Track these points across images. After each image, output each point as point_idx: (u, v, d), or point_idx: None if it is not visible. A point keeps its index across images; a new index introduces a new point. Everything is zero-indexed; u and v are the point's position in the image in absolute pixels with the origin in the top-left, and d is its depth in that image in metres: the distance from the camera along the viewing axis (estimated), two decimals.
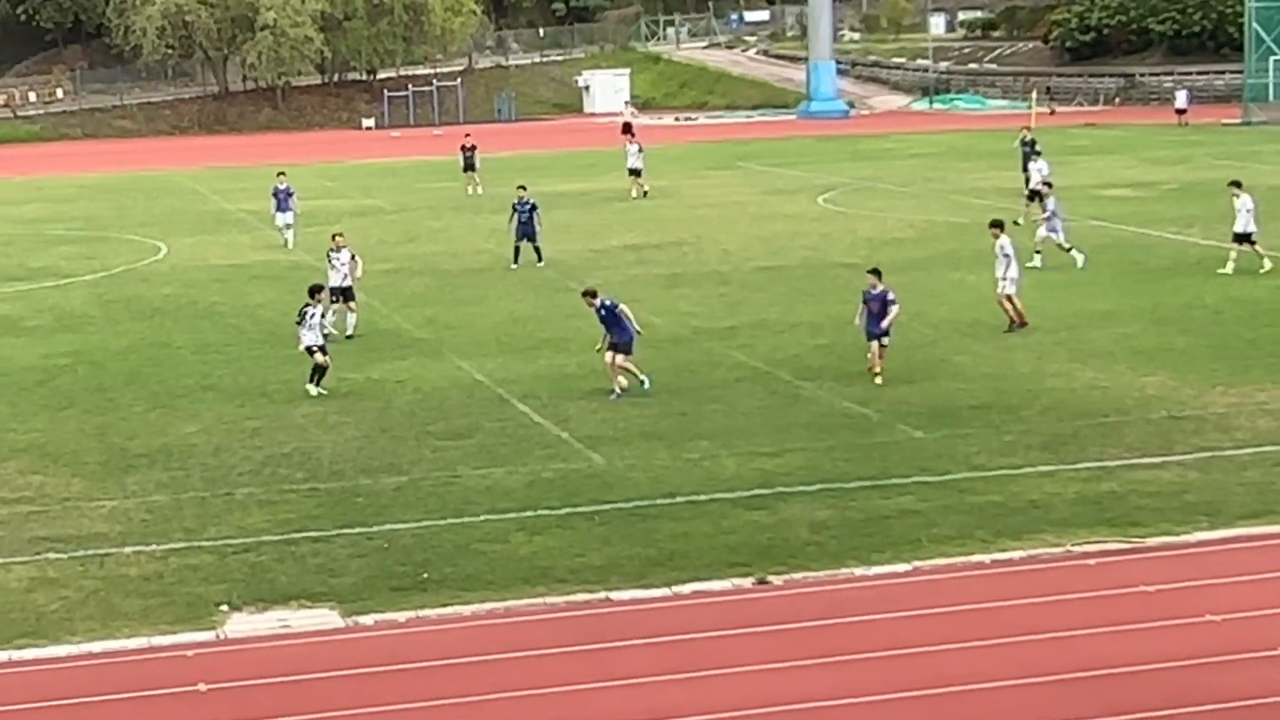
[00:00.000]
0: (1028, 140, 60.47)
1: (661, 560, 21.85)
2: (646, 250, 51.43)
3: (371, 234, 58.66)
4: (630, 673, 18.14)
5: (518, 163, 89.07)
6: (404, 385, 32.98)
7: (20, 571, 22.17)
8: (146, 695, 17.98)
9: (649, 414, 29.89)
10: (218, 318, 41.86)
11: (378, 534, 23.30)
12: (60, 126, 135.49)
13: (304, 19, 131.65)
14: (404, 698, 17.64)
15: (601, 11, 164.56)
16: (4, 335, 40.29)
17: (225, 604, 20.68)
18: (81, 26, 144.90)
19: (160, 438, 29.32)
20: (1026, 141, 60.41)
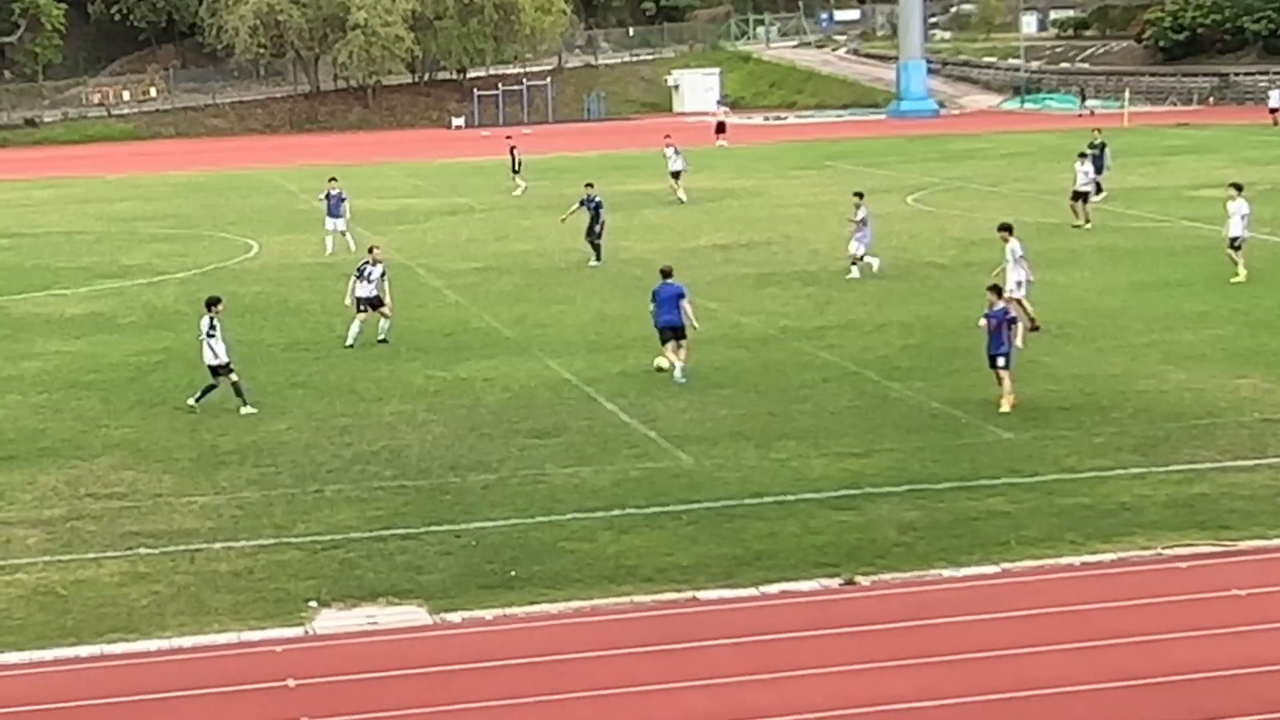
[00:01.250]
0: (1097, 143, 60.34)
1: (748, 560, 21.81)
2: (735, 250, 51.37)
3: (461, 232, 58.90)
4: (716, 672, 18.12)
5: (607, 162, 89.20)
6: (492, 383, 33.06)
7: (112, 566, 22.35)
8: (236, 690, 18.09)
9: (737, 414, 29.86)
10: (307, 315, 42.07)
11: (466, 532, 23.37)
12: (153, 125, 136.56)
13: (395, 18, 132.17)
14: (490, 695, 17.68)
15: (691, 11, 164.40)
16: (97, 332, 40.64)
17: (314, 600, 20.78)
18: (175, 26, 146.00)
19: (250, 435, 29.50)
20: (1095, 144, 60.26)
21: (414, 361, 35.40)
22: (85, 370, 35.82)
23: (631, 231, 57.00)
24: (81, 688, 18.32)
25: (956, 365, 33.12)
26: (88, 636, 19.78)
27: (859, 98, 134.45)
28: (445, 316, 40.91)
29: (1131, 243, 49.53)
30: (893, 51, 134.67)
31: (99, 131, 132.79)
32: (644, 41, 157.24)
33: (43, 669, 18.91)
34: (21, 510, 25.14)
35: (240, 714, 17.48)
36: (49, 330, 41.16)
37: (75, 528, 24.16)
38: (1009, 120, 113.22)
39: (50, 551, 23.08)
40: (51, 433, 30.20)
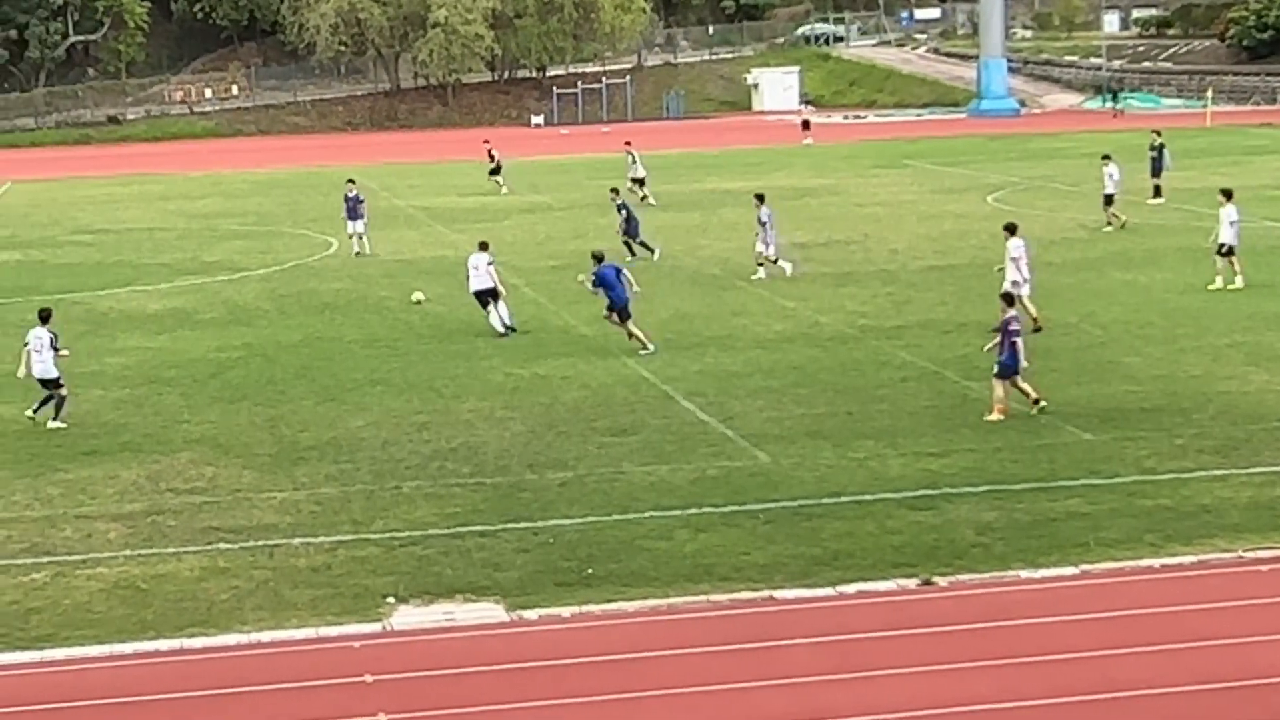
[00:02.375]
0: (1156, 145, 60.08)
1: (826, 560, 21.77)
2: (814, 249, 51.25)
3: (539, 230, 59.00)
4: (793, 672, 18.09)
5: (685, 161, 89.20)
6: (570, 381, 33.10)
7: (192, 561, 22.50)
8: (314, 685, 18.18)
9: (815, 412, 29.80)
10: (387, 313, 42.24)
11: (543, 529, 23.40)
12: (235, 123, 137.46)
13: (475, 16, 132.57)
14: (566, 693, 17.71)
15: (771, 9, 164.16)
16: (178, 328, 40.92)
17: (392, 596, 20.85)
18: (257, 24, 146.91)
19: (329, 431, 29.64)
20: (1155, 146, 59.99)
21: (492, 359, 35.48)
22: (166, 366, 36.07)
23: (709, 230, 57.00)
24: (161, 681, 18.44)
25: (1035, 366, 32.90)
26: (167, 630, 19.91)
27: (939, 96, 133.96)
28: (523, 314, 40.95)
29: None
30: (973, 50, 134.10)
31: (181, 129, 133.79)
32: (724, 40, 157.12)
33: (122, 662, 19.05)
34: (103, 504, 25.33)
35: (318, 709, 17.55)
36: (131, 326, 41.48)
37: (156, 522, 24.33)
38: (1090, 119, 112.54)
39: (131, 545, 23.25)
40: (133, 428, 30.43)
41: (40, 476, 27.04)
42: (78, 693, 18.12)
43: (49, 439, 29.66)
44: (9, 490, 26.26)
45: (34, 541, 23.54)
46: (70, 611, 20.66)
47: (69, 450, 28.74)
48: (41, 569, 22.30)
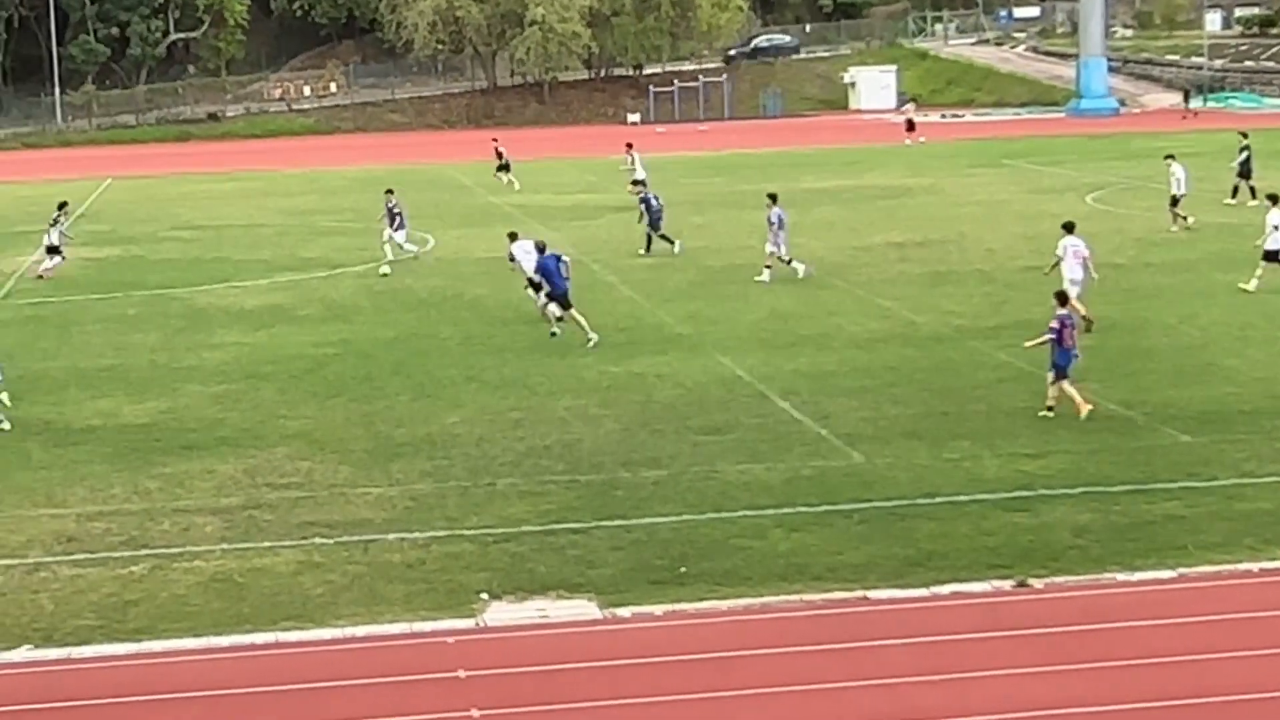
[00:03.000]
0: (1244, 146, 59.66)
1: (920, 560, 21.67)
2: (910, 248, 51.07)
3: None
4: (887, 672, 18.02)
5: (781, 159, 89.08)
6: (665, 379, 33.09)
7: (288, 555, 22.62)
8: (407, 680, 18.24)
9: (910, 412, 29.68)
10: (482, 310, 42.36)
11: (636, 527, 23.40)
12: (333, 120, 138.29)
13: (572, 15, 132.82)
14: (660, 691, 17.70)
15: (869, 7, 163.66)
16: (276, 324, 41.18)
17: (486, 592, 20.90)
18: (355, 22, 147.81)
19: (425, 427, 29.75)
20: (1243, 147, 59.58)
21: (587, 356, 35.52)
22: (263, 361, 36.31)
23: (805, 229, 56.78)
24: (255, 675, 18.55)
25: (1133, 367, 32.73)
26: (263, 624, 20.03)
27: (1038, 95, 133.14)
28: (619, 312, 41.02)
29: None
30: (1073, 49, 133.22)
31: (279, 126, 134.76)
32: (821, 38, 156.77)
33: (218, 655, 19.17)
34: (200, 499, 25.52)
35: (411, 704, 17.61)
36: (229, 322, 41.79)
37: (252, 516, 24.48)
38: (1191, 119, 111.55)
39: (228, 540, 23.41)
40: (230, 423, 30.64)
41: (139, 470, 27.27)
42: (174, 685, 18.25)
43: (148, 433, 29.91)
44: (108, 484, 26.50)
45: (132, 535, 23.74)
46: (167, 604, 20.82)
47: (167, 444, 28.98)
48: (139, 562, 22.49)
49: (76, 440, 29.55)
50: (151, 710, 17.67)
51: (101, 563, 22.49)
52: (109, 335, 40.40)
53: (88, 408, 32.15)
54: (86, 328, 41.62)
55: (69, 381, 34.69)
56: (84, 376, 35.16)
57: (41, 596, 21.20)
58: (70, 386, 34.16)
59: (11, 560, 22.69)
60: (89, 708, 17.76)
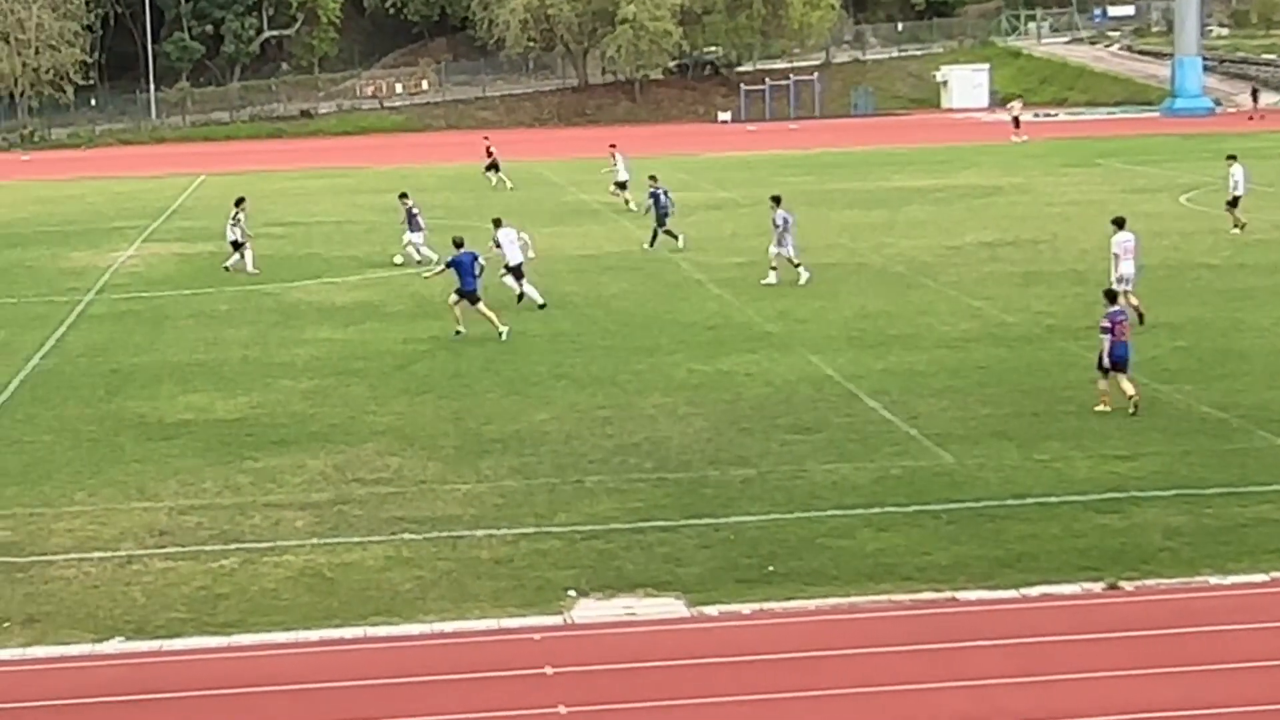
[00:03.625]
0: None
1: (1010, 561, 21.55)
2: (1001, 248, 50.81)
3: (725, 227, 58.99)
4: (975, 674, 17.93)
5: (873, 158, 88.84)
6: (754, 378, 33.05)
7: (377, 551, 22.72)
8: (494, 676, 18.28)
9: (1000, 413, 29.53)
10: (571, 307, 42.42)
11: (724, 525, 23.37)
12: (424, 117, 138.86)
13: (663, 13, 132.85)
14: (746, 689, 17.67)
15: (962, 6, 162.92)
16: (366, 320, 41.37)
17: (573, 589, 20.92)
18: (447, 19, 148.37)
19: (513, 424, 29.81)
20: None
21: (676, 355, 35.52)
22: (353, 357, 36.49)
23: (896, 228, 56.70)
24: (344, 669, 18.64)
25: (1228, 369, 32.45)
26: (352, 618, 20.13)
27: (1132, 95, 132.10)
28: (708, 310, 41.02)
29: None
30: (1167, 48, 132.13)
31: (371, 123, 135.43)
32: (913, 37, 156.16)
33: (308, 649, 19.28)
34: (290, 493, 25.67)
35: (499, 700, 17.65)
36: (319, 318, 42.02)
37: (342, 512, 24.61)
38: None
39: (318, 534, 23.54)
40: (320, 418, 30.81)
41: (230, 465, 27.46)
42: (263, 678, 18.36)
43: (239, 428, 30.12)
44: (200, 478, 26.70)
45: (223, 529, 23.91)
46: (257, 598, 20.96)
47: (258, 439, 29.17)
48: (230, 555, 22.65)
49: (169, 434, 29.80)
50: (241, 703, 17.78)
51: (193, 556, 22.66)
52: (201, 330, 40.71)
53: (180, 402, 32.41)
54: (179, 323, 41.95)
55: (162, 376, 34.98)
56: (177, 371, 35.45)
57: (134, 589, 21.38)
58: (163, 381, 34.45)
59: (104, 553, 22.90)
60: (179, 700, 17.89)
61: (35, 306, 44.52)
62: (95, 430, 30.31)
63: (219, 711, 17.64)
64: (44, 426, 30.71)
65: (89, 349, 38.43)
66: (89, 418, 31.33)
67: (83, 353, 37.97)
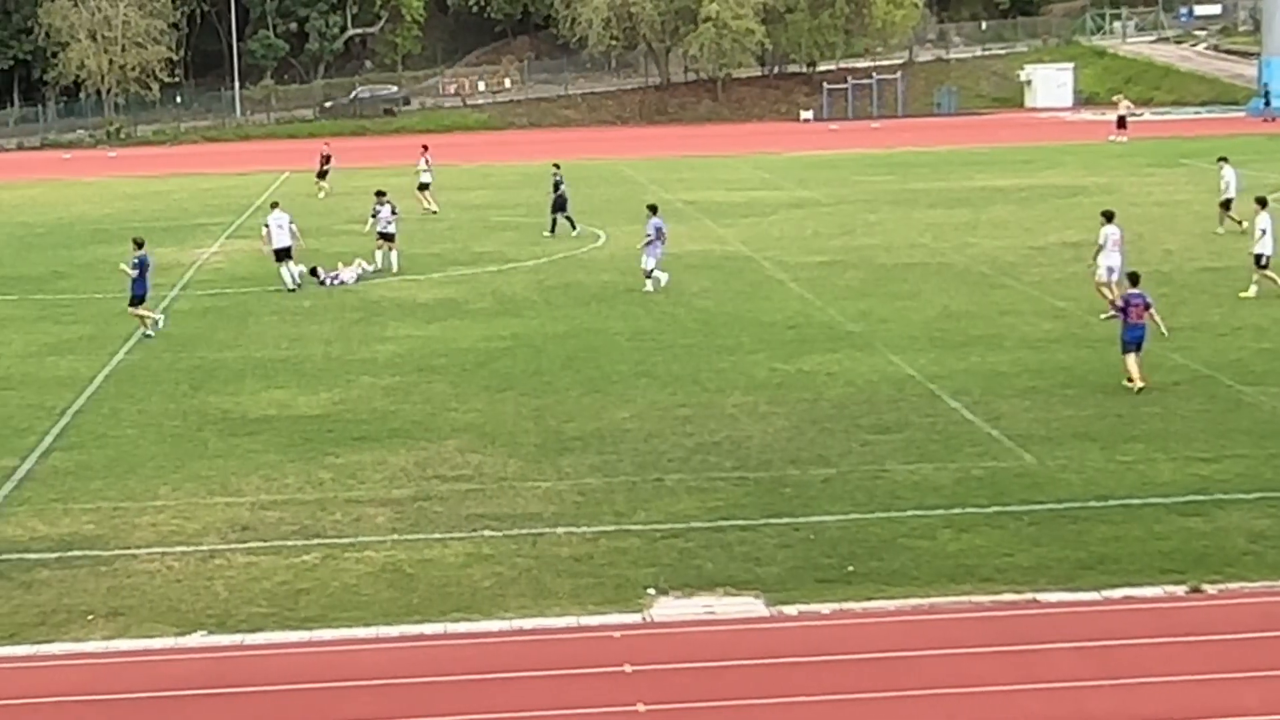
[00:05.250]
0: None
1: (1091, 564, 21.43)
2: (1084, 248, 50.32)
3: (806, 226, 58.86)
4: (1056, 676, 17.83)
5: (955, 158, 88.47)
6: (835, 378, 32.98)
7: (457, 547, 22.79)
8: (574, 673, 18.31)
9: (1083, 414, 29.36)
10: (652, 305, 42.43)
11: (804, 525, 23.34)
12: (507, 115, 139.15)
13: (746, 11, 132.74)
14: (825, 689, 17.64)
15: (1047, 5, 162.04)
16: (448, 318, 41.51)
17: (653, 588, 20.93)
18: (530, 18, 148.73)
19: (594, 422, 29.84)
20: None
21: (757, 354, 35.48)
22: (435, 354, 36.61)
23: (979, 227, 56.46)
24: (424, 665, 18.72)
25: None
26: (432, 615, 20.20)
27: (1218, 95, 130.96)
28: (789, 310, 40.95)
29: None
30: (1255, 47, 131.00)
31: (454, 121, 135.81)
32: (997, 36, 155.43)
33: (388, 644, 19.36)
34: (372, 489, 25.78)
35: (578, 697, 17.68)
36: (402, 315, 42.18)
37: (423, 508, 24.70)
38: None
39: (399, 530, 23.63)
40: (402, 415, 30.92)
41: (312, 460, 27.61)
42: (344, 673, 18.46)
43: (321, 424, 30.26)
44: (282, 473, 26.85)
45: (304, 524, 24.04)
46: (338, 593, 21.06)
47: (340, 435, 29.31)
48: (311, 551, 22.77)
49: (252, 430, 29.98)
50: (322, 698, 17.87)
51: (275, 551, 22.80)
52: (284, 327, 40.94)
53: (263, 398, 32.61)
54: (263, 319, 42.21)
55: (245, 372, 35.20)
56: (260, 367, 35.66)
57: (216, 583, 21.53)
58: (246, 377, 34.67)
59: (188, 547, 23.07)
60: (261, 694, 18.00)
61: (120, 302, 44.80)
62: (179, 425, 30.53)
63: (300, 706, 17.74)
64: (129, 421, 30.96)
65: (173, 344, 38.71)
66: (173, 413, 31.57)
67: (167, 348, 38.25)
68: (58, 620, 20.35)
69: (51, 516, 24.69)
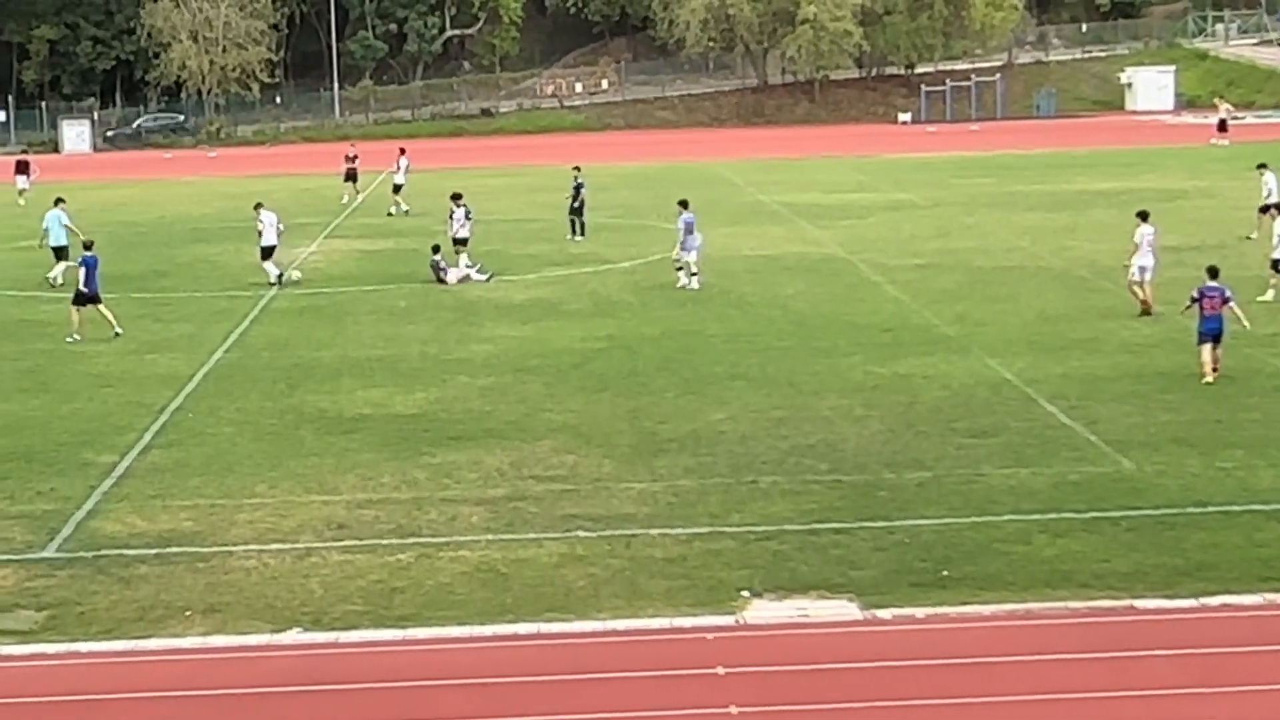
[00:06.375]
0: None
1: (1189, 570, 21.23)
2: (1185, 252, 50.07)
3: (903, 228, 58.67)
4: (1152, 683, 17.69)
5: (1055, 160, 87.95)
6: (931, 381, 32.83)
7: (552, 547, 22.82)
8: (667, 675, 18.30)
9: (1182, 419, 29.10)
10: (748, 307, 42.39)
11: (899, 529, 23.24)
12: (604, 116, 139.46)
13: (844, 13, 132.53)
14: (920, 693, 17.56)
15: (1148, 7, 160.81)
16: (545, 318, 41.59)
17: (746, 590, 20.89)
18: (628, 19, 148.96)
19: (689, 423, 29.82)
20: None
21: (853, 356, 35.37)
22: (531, 355, 36.69)
23: (1079, 231, 56.11)
24: (519, 664, 18.75)
25: None
26: (526, 614, 20.23)
27: None
28: (885, 312, 40.82)
29: None
30: None
31: (551, 122, 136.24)
32: (1097, 38, 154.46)
33: (482, 644, 19.41)
34: (467, 489, 25.86)
35: (671, 698, 17.67)
36: (498, 315, 42.30)
37: (517, 508, 24.74)
38: None
39: (493, 530, 23.69)
40: (497, 415, 31.00)
41: (407, 459, 27.72)
42: (438, 672, 18.53)
43: (417, 423, 30.38)
44: (378, 472, 26.97)
45: (400, 523, 24.14)
46: (433, 592, 21.13)
47: (435, 435, 29.42)
48: (407, 550, 22.85)
49: (348, 429, 30.14)
50: (415, 697, 17.94)
51: (370, 549, 22.90)
52: (381, 326, 41.14)
53: (359, 397, 32.77)
54: (359, 318, 42.42)
55: (342, 371, 35.39)
56: (356, 366, 35.85)
57: (311, 581, 21.65)
58: (343, 376, 34.85)
59: (284, 545, 23.21)
60: (355, 692, 18.08)
61: (219, 301, 45.22)
62: (276, 423, 30.73)
63: (393, 704, 17.81)
64: (226, 419, 31.19)
65: (271, 343, 38.98)
66: (270, 411, 31.78)
67: (265, 347, 38.53)
68: (156, 616, 20.52)
69: (150, 513, 24.90)
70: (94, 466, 27.74)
